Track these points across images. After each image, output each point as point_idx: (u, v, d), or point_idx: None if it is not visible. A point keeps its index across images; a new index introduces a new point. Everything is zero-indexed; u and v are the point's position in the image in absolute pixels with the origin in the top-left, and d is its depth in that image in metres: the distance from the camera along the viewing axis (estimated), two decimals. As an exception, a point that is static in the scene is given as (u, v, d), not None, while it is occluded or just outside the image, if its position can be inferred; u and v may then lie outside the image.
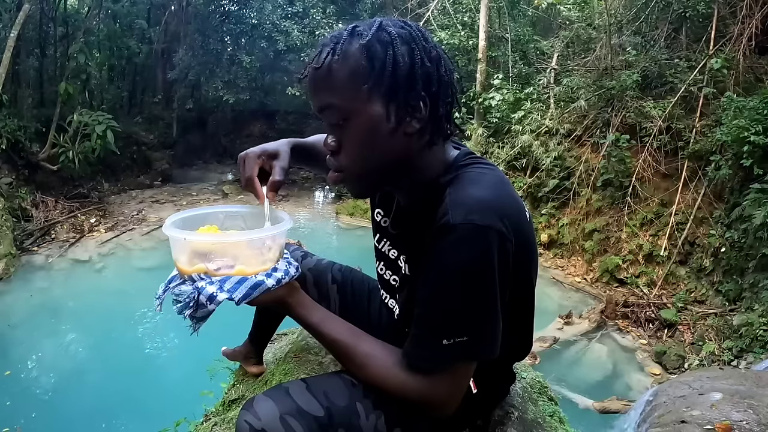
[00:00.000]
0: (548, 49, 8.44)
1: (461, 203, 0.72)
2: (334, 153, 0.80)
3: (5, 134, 7.30)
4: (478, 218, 0.70)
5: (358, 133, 0.76)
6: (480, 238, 0.70)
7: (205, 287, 0.79)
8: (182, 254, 0.83)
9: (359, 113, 0.75)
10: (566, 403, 3.75)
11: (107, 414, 4.09)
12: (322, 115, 0.79)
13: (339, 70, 0.74)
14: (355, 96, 0.74)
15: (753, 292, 4.74)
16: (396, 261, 0.96)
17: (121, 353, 4.94)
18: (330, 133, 0.80)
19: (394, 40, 0.74)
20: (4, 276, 6.04)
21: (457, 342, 0.73)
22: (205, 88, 11.64)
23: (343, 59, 0.73)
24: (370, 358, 0.80)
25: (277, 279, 0.83)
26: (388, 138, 0.76)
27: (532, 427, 1.13)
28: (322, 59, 0.75)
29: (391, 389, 0.78)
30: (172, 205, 9.02)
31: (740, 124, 4.88)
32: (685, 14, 6.47)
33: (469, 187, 0.75)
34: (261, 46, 10.12)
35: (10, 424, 3.78)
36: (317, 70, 0.75)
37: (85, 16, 9.66)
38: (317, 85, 0.77)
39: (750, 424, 1.50)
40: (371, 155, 0.78)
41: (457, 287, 0.72)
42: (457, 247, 0.70)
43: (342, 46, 0.74)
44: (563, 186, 6.88)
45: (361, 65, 0.73)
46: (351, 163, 0.79)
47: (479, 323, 0.74)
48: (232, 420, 1.43)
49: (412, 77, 0.74)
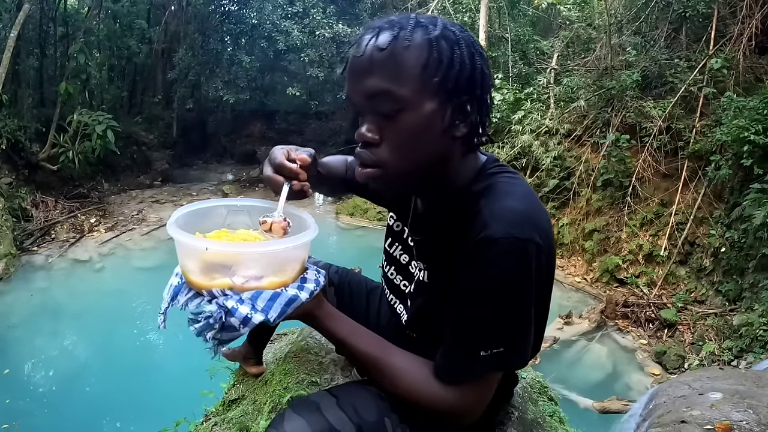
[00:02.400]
0: (548, 49, 8.44)
1: (500, 216, 0.71)
2: (371, 145, 0.75)
3: (5, 134, 7.30)
4: (517, 232, 0.70)
5: (409, 127, 0.73)
6: (520, 251, 0.70)
7: (236, 308, 0.68)
8: (196, 264, 0.73)
9: (416, 107, 0.72)
10: (566, 403, 3.75)
11: (107, 414, 4.09)
12: (370, 101, 0.73)
13: (406, 58, 0.70)
14: (419, 88, 0.71)
15: (753, 292, 4.74)
16: (407, 267, 0.96)
17: (121, 353, 4.95)
18: (370, 123, 0.75)
19: (459, 41, 0.73)
20: (4, 276, 6.04)
21: (493, 353, 0.73)
22: (205, 88, 11.65)
23: (411, 47, 0.70)
24: (401, 371, 0.78)
25: (309, 291, 0.75)
26: (436, 138, 0.74)
27: (532, 427, 1.13)
28: (387, 42, 0.71)
29: (422, 402, 0.77)
30: (172, 205, 9.02)
31: (740, 124, 4.88)
32: (685, 14, 6.47)
33: (505, 199, 0.74)
34: (261, 46, 10.13)
35: (9, 422, 3.78)
36: (380, 51, 0.71)
37: (85, 16, 9.66)
38: (374, 68, 0.72)
39: (750, 424, 1.50)
40: (416, 153, 0.74)
41: (498, 300, 0.72)
42: (499, 261, 0.70)
43: (407, 33, 0.71)
44: (563, 186, 6.88)
45: (433, 58, 0.71)
46: (393, 158, 0.74)
47: (515, 334, 0.75)
48: (232, 420, 1.43)
49: (472, 80, 0.74)
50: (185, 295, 0.74)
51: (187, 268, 0.74)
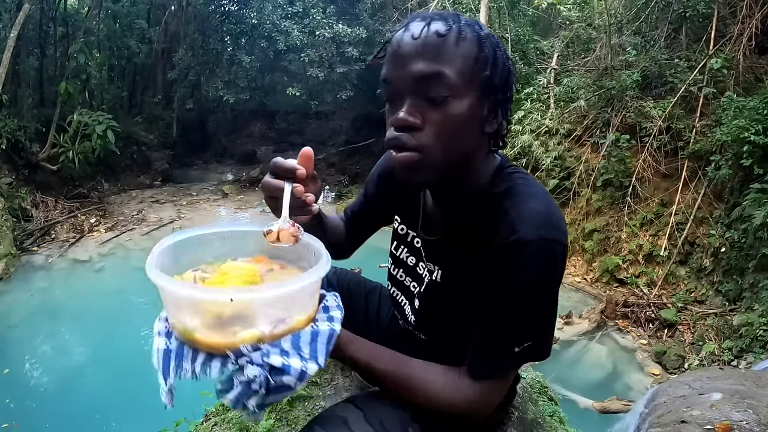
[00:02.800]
0: (548, 49, 8.43)
1: (528, 218, 0.74)
2: (412, 129, 0.75)
3: (5, 134, 7.30)
4: (545, 233, 0.73)
5: (453, 115, 0.74)
6: (549, 251, 0.74)
7: (287, 363, 0.58)
8: (207, 319, 0.59)
9: (462, 96, 0.74)
10: (566, 403, 3.75)
11: (107, 413, 4.09)
12: (418, 84, 0.73)
13: (461, 48, 0.73)
14: (468, 78, 0.74)
15: (753, 292, 4.74)
16: (414, 268, 0.97)
17: (120, 353, 4.94)
18: (413, 107, 0.74)
19: (500, 44, 0.78)
20: (4, 276, 6.04)
21: (524, 347, 0.77)
22: (205, 88, 11.65)
23: (466, 39, 0.74)
24: (424, 384, 0.79)
25: (340, 321, 0.68)
26: (473, 131, 0.77)
27: (532, 427, 1.13)
28: (444, 29, 0.73)
29: (447, 409, 0.79)
30: (172, 205, 9.02)
31: (740, 124, 4.88)
32: (685, 14, 6.47)
33: (529, 200, 0.77)
34: (261, 46, 10.14)
35: (8, 422, 3.78)
36: (439, 36, 0.72)
37: (85, 16, 9.66)
38: (429, 51, 0.72)
39: (750, 424, 1.50)
40: (456, 142, 0.76)
41: (529, 299, 0.76)
42: (530, 263, 0.73)
43: (462, 26, 0.74)
44: (563, 186, 6.88)
45: (483, 53, 0.74)
46: (435, 143, 0.74)
47: (543, 328, 0.79)
48: (232, 420, 1.43)
49: (507, 82, 0.79)
50: (192, 360, 0.60)
51: (189, 327, 0.59)
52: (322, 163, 11.26)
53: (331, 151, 11.50)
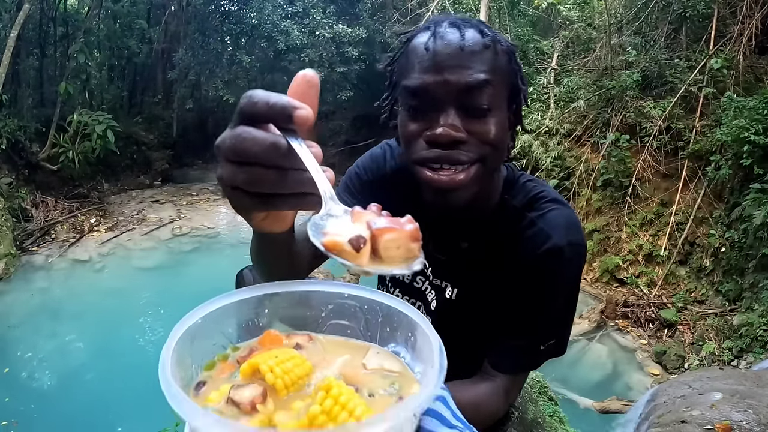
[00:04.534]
0: (548, 49, 8.43)
1: (557, 225, 0.77)
2: (459, 144, 0.70)
3: (5, 134, 7.30)
4: (574, 238, 0.77)
5: (495, 126, 0.72)
6: (579, 255, 0.78)
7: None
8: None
9: (501, 107, 0.74)
10: (566, 403, 3.75)
11: (107, 413, 4.09)
12: (465, 94, 0.69)
13: (502, 57, 0.73)
14: (507, 89, 0.75)
15: (753, 292, 4.74)
16: (411, 285, 0.95)
17: (121, 353, 4.94)
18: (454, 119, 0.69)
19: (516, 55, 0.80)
20: (4, 276, 6.04)
21: (549, 345, 0.81)
22: (205, 88, 11.65)
23: (504, 50, 0.74)
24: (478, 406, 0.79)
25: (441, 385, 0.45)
26: (504, 142, 0.77)
27: (532, 427, 1.13)
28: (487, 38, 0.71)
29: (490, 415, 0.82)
30: (172, 205, 9.02)
31: (740, 124, 4.88)
32: (685, 14, 6.47)
33: (552, 207, 0.79)
34: (261, 46, 10.13)
35: (8, 420, 3.78)
36: (485, 47, 0.70)
37: (85, 16, 9.65)
38: (478, 61, 0.70)
39: (750, 424, 1.50)
40: (496, 155, 0.75)
41: (559, 301, 0.80)
42: (566, 268, 0.77)
43: (496, 36, 0.73)
44: (563, 186, 6.88)
45: (513, 65, 0.76)
46: (489, 152, 0.72)
47: (566, 327, 0.83)
48: (232, 420, 1.43)
49: (524, 94, 0.79)
50: None
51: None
52: (322, 163, 11.25)
53: (331, 151, 11.50)
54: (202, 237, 7.77)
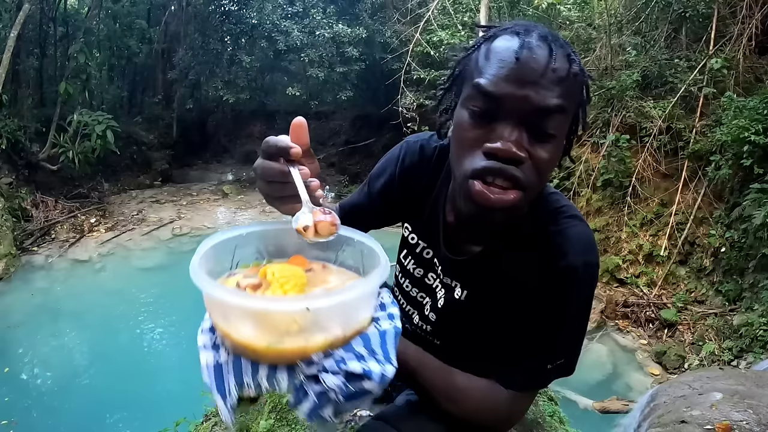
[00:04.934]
0: (548, 49, 8.43)
1: (575, 243, 0.76)
2: (516, 163, 0.68)
3: (5, 134, 7.30)
4: (590, 258, 0.77)
5: (554, 155, 0.70)
6: (592, 275, 0.77)
7: (369, 368, 0.55)
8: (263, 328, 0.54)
9: (561, 136, 0.71)
10: (566, 403, 3.75)
11: (107, 413, 4.09)
12: (539, 115, 0.67)
13: (575, 87, 0.70)
14: (569, 120, 0.72)
15: (753, 292, 4.74)
16: (422, 280, 0.96)
17: (121, 353, 4.95)
18: (520, 138, 0.68)
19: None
20: (4, 276, 6.04)
21: (557, 364, 0.79)
22: (205, 88, 11.65)
23: (580, 79, 0.71)
24: (468, 393, 0.80)
25: (399, 317, 0.65)
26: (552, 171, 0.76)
27: (532, 427, 1.13)
28: (567, 65, 0.68)
29: (487, 420, 0.80)
30: (172, 205, 9.02)
31: (740, 124, 4.88)
32: (685, 14, 6.46)
33: (573, 224, 0.78)
34: (261, 46, 10.12)
35: (7, 419, 3.79)
36: (573, 74, 0.69)
37: (85, 16, 9.66)
38: (564, 85, 0.68)
39: (750, 424, 1.50)
40: (544, 181, 0.74)
41: (572, 320, 0.79)
42: (578, 288, 0.76)
43: (578, 61, 0.71)
44: (563, 186, 6.88)
45: (585, 97, 0.74)
46: (535, 182, 0.70)
47: (576, 348, 0.82)
48: (232, 420, 1.43)
49: (584, 125, 0.77)
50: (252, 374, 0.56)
51: (245, 337, 0.54)
52: (322, 163, 11.23)
53: (331, 151, 11.51)
54: (202, 237, 7.72)
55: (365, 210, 1.03)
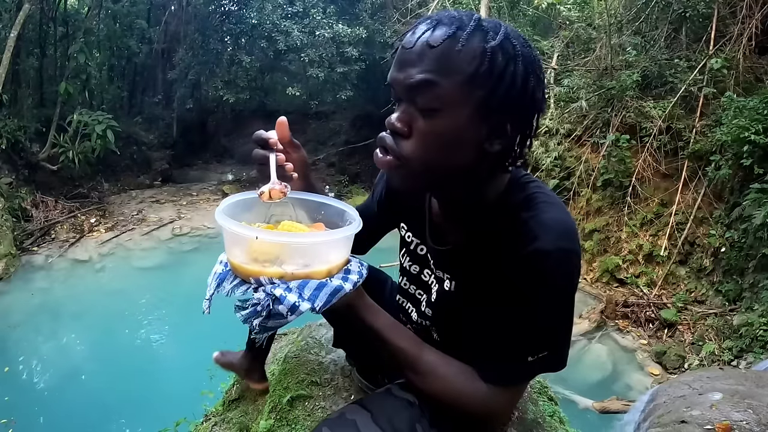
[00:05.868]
0: (548, 49, 8.43)
1: (548, 228, 0.73)
2: (398, 135, 0.73)
3: (5, 134, 7.30)
4: (565, 243, 0.73)
5: (440, 131, 0.70)
6: (568, 261, 0.73)
7: (284, 296, 0.68)
8: (244, 252, 0.73)
9: (454, 112, 0.69)
10: (566, 403, 3.75)
11: (107, 413, 4.10)
12: (411, 92, 0.70)
13: (458, 60, 0.68)
14: (461, 95, 0.69)
15: (753, 292, 4.74)
16: (419, 276, 0.97)
17: (121, 353, 4.95)
18: (403, 113, 0.72)
19: (517, 57, 0.70)
20: (4, 276, 6.04)
21: (539, 357, 0.76)
22: (205, 88, 11.65)
23: (466, 51, 0.68)
24: (436, 368, 0.79)
25: (353, 282, 0.74)
26: (466, 149, 0.72)
27: (532, 427, 1.13)
28: (441, 38, 0.68)
29: (453, 401, 0.78)
30: (172, 205, 9.02)
31: (740, 124, 4.88)
32: (685, 14, 6.46)
33: (548, 210, 0.75)
34: (261, 46, 10.11)
35: (6, 418, 3.79)
36: (432, 47, 0.68)
37: (85, 16, 9.65)
38: (422, 61, 0.69)
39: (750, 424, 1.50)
40: (440, 158, 0.72)
41: (549, 309, 0.75)
42: (550, 273, 0.73)
43: (466, 36, 0.68)
44: (563, 186, 6.88)
45: (483, 69, 0.68)
46: (415, 156, 0.72)
47: (560, 339, 0.79)
48: (231, 420, 1.44)
49: (518, 102, 0.71)
50: (231, 282, 0.74)
51: (234, 256, 0.74)
52: (322, 163, 11.25)
53: (331, 151, 11.50)
54: (202, 237, 7.77)
55: (371, 215, 1.07)
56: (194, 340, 4.89)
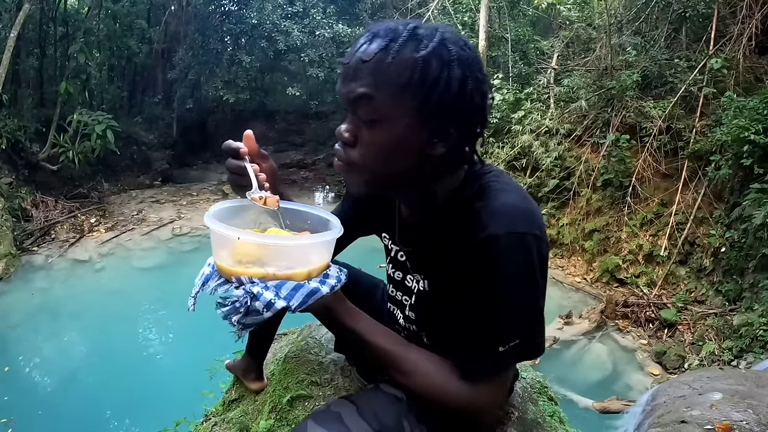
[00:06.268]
0: (548, 49, 8.44)
1: (498, 214, 0.73)
2: (347, 144, 0.78)
3: (5, 134, 7.30)
4: (516, 227, 0.72)
5: (381, 139, 0.74)
6: (522, 245, 0.72)
7: (261, 293, 0.72)
8: (228, 253, 0.77)
9: (392, 121, 0.73)
10: (566, 403, 3.75)
11: (106, 413, 4.10)
12: (354, 104, 0.74)
13: (388, 73, 0.70)
14: (396, 105, 0.72)
15: (753, 292, 4.74)
16: (402, 282, 0.98)
17: (120, 353, 4.95)
18: (349, 124, 0.77)
19: (452, 61, 0.71)
20: (4, 276, 6.04)
21: (511, 347, 0.75)
22: (205, 88, 11.64)
23: (397, 62, 0.70)
24: (419, 366, 0.79)
25: (330, 286, 0.77)
26: (409, 153, 0.75)
27: (532, 427, 1.13)
28: (373, 52, 0.71)
29: (443, 398, 0.78)
30: (172, 204, 9.02)
31: (740, 124, 4.89)
32: (685, 14, 6.47)
33: (499, 196, 0.76)
34: (261, 46, 10.12)
35: (6, 417, 3.79)
36: (364, 62, 0.71)
37: (85, 16, 9.65)
38: (356, 75, 0.73)
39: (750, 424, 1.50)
40: (385, 164, 0.76)
41: (508, 296, 0.74)
42: (503, 258, 0.72)
43: (398, 47, 0.70)
44: (563, 186, 6.88)
45: (415, 78, 0.70)
46: (362, 163, 0.77)
47: (529, 326, 0.78)
48: (232, 420, 1.43)
49: (455, 105, 0.73)
50: (215, 281, 0.78)
51: (219, 257, 0.78)
52: (322, 162, 11.25)
53: (331, 151, 11.49)
54: (202, 237, 7.76)
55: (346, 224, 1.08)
56: (194, 340, 4.89)
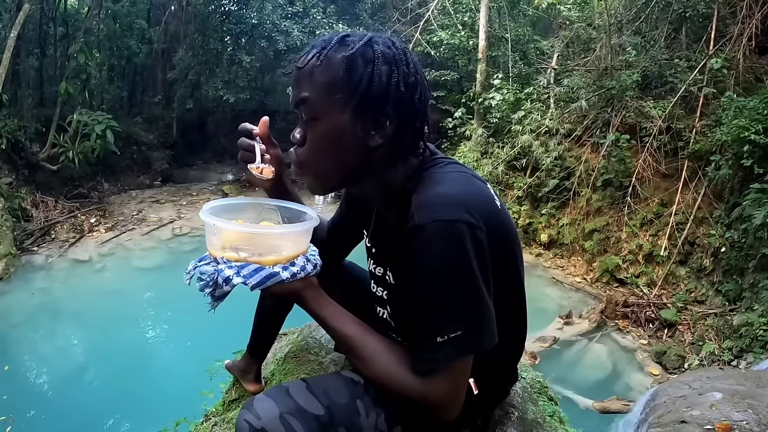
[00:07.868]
0: (548, 49, 8.44)
1: (425, 203, 0.75)
2: (298, 146, 0.85)
3: (5, 134, 7.30)
4: (443, 214, 0.73)
5: (322, 135, 0.82)
6: (449, 232, 0.72)
7: (223, 270, 0.82)
8: (215, 239, 0.87)
9: (327, 117, 0.80)
10: (566, 403, 3.75)
11: (107, 413, 4.09)
12: (298, 108, 0.83)
13: (319, 75, 0.79)
14: (327, 101, 0.79)
15: (753, 292, 4.74)
16: (383, 277, 0.98)
17: (120, 353, 4.94)
18: (299, 127, 0.85)
19: (377, 59, 0.78)
20: (4, 276, 6.04)
21: (451, 337, 0.73)
22: (205, 88, 11.63)
23: (325, 66, 0.79)
24: (377, 353, 0.81)
25: (292, 273, 0.84)
26: (349, 146, 0.81)
27: (532, 427, 1.13)
28: (307, 60, 0.80)
29: (394, 388, 0.79)
30: (172, 204, 9.02)
31: (740, 124, 4.88)
32: (685, 14, 6.47)
33: (431, 186, 0.78)
34: (261, 46, 10.12)
35: (5, 415, 3.79)
36: (300, 69, 0.81)
37: (85, 16, 9.65)
38: (298, 82, 0.82)
39: (750, 424, 1.50)
40: (329, 158, 0.83)
41: (439, 284, 0.73)
42: (430, 246, 0.73)
43: (327, 52, 0.79)
44: (563, 186, 6.88)
45: (339, 76, 0.77)
46: (309, 159, 0.84)
47: (470, 315, 0.75)
48: (232, 420, 1.43)
49: (384, 97, 0.78)
50: (204, 262, 0.89)
51: (209, 243, 0.89)
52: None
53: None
54: (202, 237, 7.70)
55: (343, 226, 1.16)
56: (194, 340, 4.89)
